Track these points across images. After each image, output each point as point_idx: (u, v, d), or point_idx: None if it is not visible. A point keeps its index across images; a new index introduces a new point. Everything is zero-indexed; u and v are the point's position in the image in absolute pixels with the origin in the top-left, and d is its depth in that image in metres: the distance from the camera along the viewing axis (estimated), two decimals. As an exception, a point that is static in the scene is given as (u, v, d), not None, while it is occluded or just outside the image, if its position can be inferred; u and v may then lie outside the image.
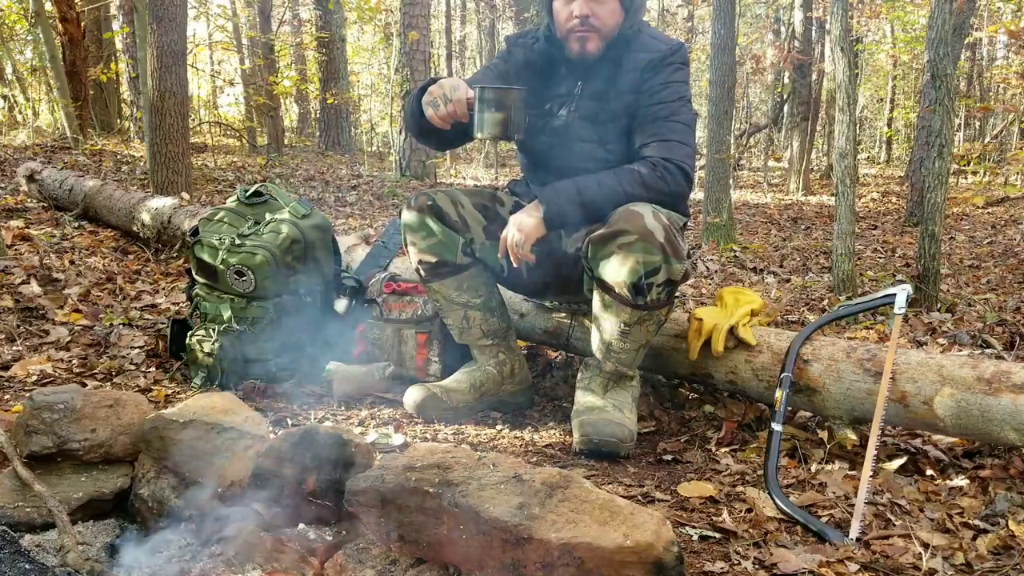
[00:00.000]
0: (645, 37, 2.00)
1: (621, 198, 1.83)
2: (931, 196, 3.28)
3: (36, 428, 1.56)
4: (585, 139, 2.01)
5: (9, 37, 10.76)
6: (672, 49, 1.97)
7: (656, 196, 1.85)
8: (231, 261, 2.29)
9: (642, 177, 1.84)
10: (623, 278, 1.79)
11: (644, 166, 1.86)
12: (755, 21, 16.00)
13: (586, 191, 1.85)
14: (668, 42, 2.00)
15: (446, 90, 1.80)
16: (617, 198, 1.83)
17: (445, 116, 1.81)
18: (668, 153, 1.86)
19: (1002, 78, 12.96)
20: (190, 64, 9.79)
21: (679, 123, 1.91)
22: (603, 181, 1.86)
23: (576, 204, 1.85)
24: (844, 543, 1.41)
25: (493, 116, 1.75)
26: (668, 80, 1.94)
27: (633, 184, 1.84)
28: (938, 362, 1.74)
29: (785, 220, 7.57)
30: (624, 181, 1.85)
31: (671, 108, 1.92)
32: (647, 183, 1.84)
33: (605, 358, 1.95)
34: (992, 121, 13.63)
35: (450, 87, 1.80)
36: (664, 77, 1.94)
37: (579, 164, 2.00)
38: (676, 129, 1.90)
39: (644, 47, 1.97)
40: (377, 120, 16.89)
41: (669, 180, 1.85)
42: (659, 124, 1.91)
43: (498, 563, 1.14)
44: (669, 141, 1.88)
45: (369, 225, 5.48)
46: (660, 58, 1.95)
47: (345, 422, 2.06)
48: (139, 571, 1.38)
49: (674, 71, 1.95)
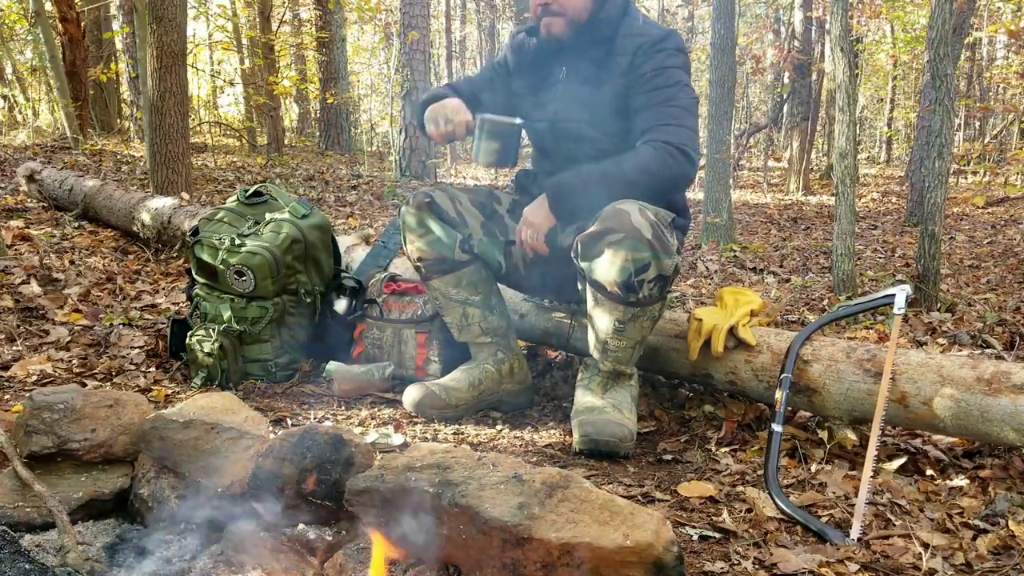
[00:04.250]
0: (637, 23, 2.01)
1: (623, 183, 1.85)
2: (931, 196, 3.28)
3: (36, 428, 1.56)
4: (575, 120, 2.03)
5: (9, 37, 10.76)
6: (664, 35, 1.97)
7: (659, 180, 1.87)
8: (231, 261, 2.29)
9: (645, 162, 1.86)
10: (613, 276, 1.79)
11: (647, 151, 1.87)
12: (755, 21, 16.01)
13: (590, 178, 1.88)
14: (660, 28, 2.01)
15: (448, 112, 1.95)
16: (618, 184, 1.85)
17: (444, 135, 1.96)
18: (669, 136, 1.87)
19: (1002, 78, 12.96)
20: (190, 64, 9.79)
21: (677, 107, 1.91)
22: (607, 168, 1.88)
23: (581, 192, 1.88)
24: (844, 543, 1.41)
25: (490, 145, 1.90)
26: (662, 65, 1.94)
27: (635, 170, 1.86)
28: (938, 362, 1.74)
29: (785, 220, 7.57)
30: (628, 167, 1.86)
31: (668, 93, 1.92)
32: (649, 167, 1.85)
33: (602, 356, 1.95)
34: (992, 121, 13.64)
35: (452, 109, 1.94)
36: (658, 62, 1.94)
37: (574, 146, 2.05)
38: (675, 113, 1.90)
39: (635, 32, 1.98)
40: (377, 120, 16.89)
41: (672, 163, 1.86)
42: (657, 110, 1.91)
43: (498, 563, 1.14)
44: (669, 125, 1.89)
45: (369, 225, 5.48)
46: (651, 43, 1.95)
47: (345, 422, 2.06)
48: (139, 571, 1.38)
49: (668, 56, 1.95)
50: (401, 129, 8.93)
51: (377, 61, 16.31)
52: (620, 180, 1.85)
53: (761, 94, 15.91)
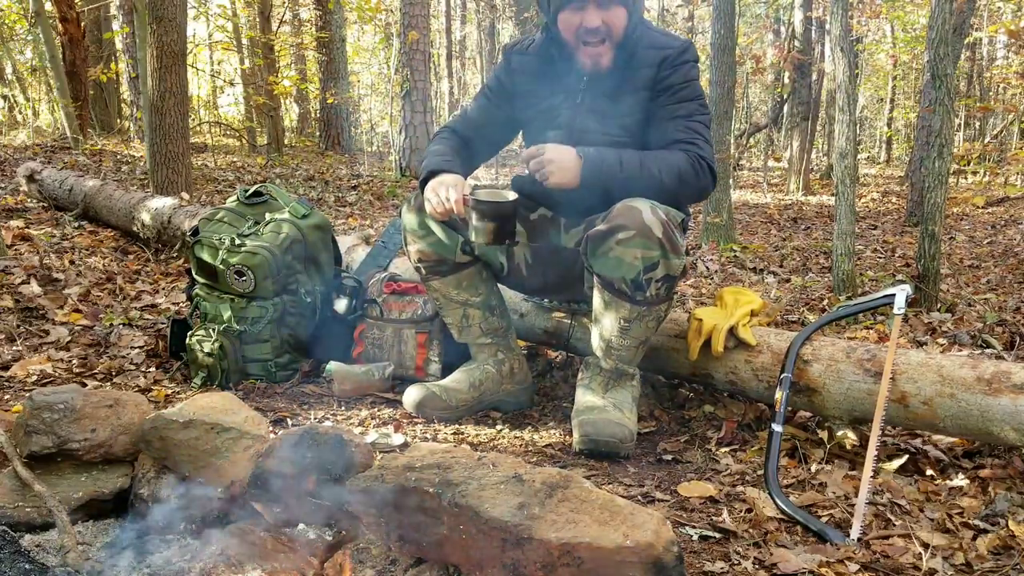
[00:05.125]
0: (652, 34, 1.99)
1: (655, 183, 1.84)
2: (931, 196, 3.28)
3: (36, 428, 1.56)
4: (591, 131, 2.00)
5: (9, 37, 10.76)
6: (684, 46, 1.98)
7: (688, 189, 1.88)
8: (231, 261, 2.29)
9: (680, 169, 1.86)
10: (622, 274, 1.79)
11: (683, 160, 1.87)
12: (755, 21, 16.01)
13: (628, 165, 1.85)
14: (677, 39, 2.01)
15: (445, 190, 1.87)
16: (651, 183, 1.84)
17: (443, 214, 1.89)
18: (700, 151, 1.89)
19: (1002, 78, 12.96)
20: (190, 64, 9.79)
21: (700, 123, 1.93)
22: (646, 161, 1.86)
23: (615, 173, 1.84)
24: (844, 543, 1.41)
25: (486, 226, 1.82)
26: (687, 79, 1.95)
27: (670, 174, 1.85)
28: (938, 362, 1.74)
29: (785, 220, 7.57)
30: (664, 168, 1.85)
31: (691, 108, 1.93)
32: (683, 176, 1.86)
33: (605, 355, 1.95)
34: (992, 121, 13.64)
35: (449, 187, 1.86)
36: (682, 75, 1.95)
37: None
38: (700, 129, 1.92)
39: (654, 43, 1.97)
40: (377, 120, 16.89)
41: (701, 177, 1.88)
42: (683, 122, 1.92)
43: (498, 563, 1.14)
44: (697, 141, 1.90)
45: (369, 225, 5.48)
46: (675, 55, 1.95)
47: (345, 422, 2.06)
48: (139, 571, 1.38)
49: (690, 69, 1.96)
50: (401, 129, 8.92)
51: (377, 61, 16.31)
52: (655, 175, 1.84)
53: (761, 94, 15.90)
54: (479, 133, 2.16)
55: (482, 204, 1.81)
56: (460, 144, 2.12)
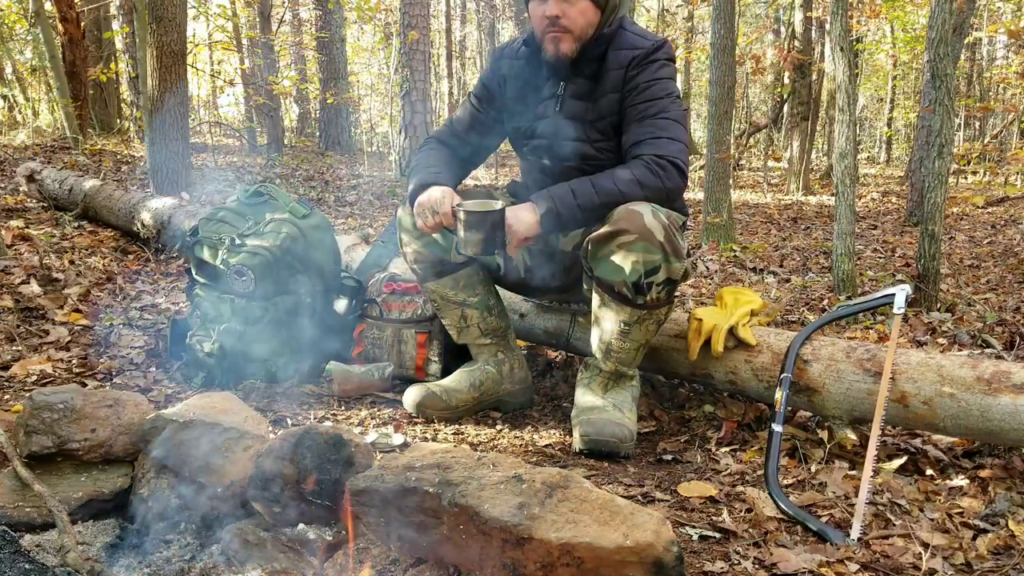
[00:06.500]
0: (628, 35, 1.97)
1: (618, 199, 1.81)
2: (931, 196, 3.28)
3: (36, 428, 1.56)
4: (572, 138, 2.00)
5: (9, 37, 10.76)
6: (656, 45, 1.94)
7: (652, 194, 1.83)
8: (231, 261, 2.29)
9: (637, 176, 1.82)
10: (623, 277, 1.79)
11: (638, 165, 1.84)
12: (755, 21, 16.00)
13: (582, 194, 1.82)
14: (652, 38, 1.97)
15: (434, 203, 1.87)
16: (613, 199, 1.81)
17: (433, 227, 1.90)
18: (660, 150, 1.84)
19: (1002, 78, 12.96)
20: (190, 64, 9.79)
21: (668, 119, 1.89)
22: (598, 183, 1.83)
23: (572, 207, 1.82)
24: (844, 543, 1.41)
25: (473, 236, 1.79)
26: (654, 77, 1.92)
27: (629, 184, 1.82)
28: (938, 362, 1.74)
29: (785, 220, 7.57)
30: (620, 181, 1.82)
31: (659, 105, 1.90)
32: (643, 182, 1.82)
33: (605, 358, 1.95)
34: (992, 121, 13.64)
35: (436, 201, 1.86)
36: (650, 74, 1.92)
37: (570, 163, 2.00)
38: (666, 126, 1.88)
39: (627, 44, 1.95)
40: (377, 120, 16.89)
41: (663, 177, 1.83)
42: (648, 122, 1.89)
43: (498, 563, 1.14)
44: (660, 138, 1.86)
45: (369, 225, 5.48)
46: (644, 55, 1.92)
47: (345, 422, 2.06)
48: (139, 571, 1.38)
49: (659, 67, 1.93)
50: (401, 129, 8.91)
51: (377, 61, 16.30)
52: (613, 194, 1.81)
53: (761, 94, 15.90)
54: (467, 140, 2.16)
55: (469, 215, 1.78)
56: (448, 154, 2.12)
